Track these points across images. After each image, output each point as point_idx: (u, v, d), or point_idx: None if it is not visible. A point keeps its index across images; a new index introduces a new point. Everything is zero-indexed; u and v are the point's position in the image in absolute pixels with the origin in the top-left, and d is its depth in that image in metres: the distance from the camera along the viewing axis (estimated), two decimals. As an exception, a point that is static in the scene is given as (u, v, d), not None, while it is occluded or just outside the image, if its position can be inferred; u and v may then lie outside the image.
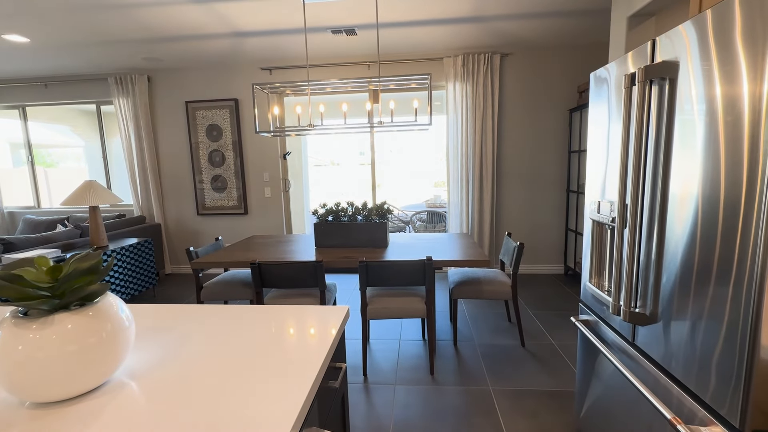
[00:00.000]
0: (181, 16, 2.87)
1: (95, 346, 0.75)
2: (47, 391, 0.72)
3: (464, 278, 2.61)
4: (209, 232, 4.51)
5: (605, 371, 1.42)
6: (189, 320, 1.13)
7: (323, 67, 4.07)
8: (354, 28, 3.22)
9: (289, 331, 1.03)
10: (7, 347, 0.69)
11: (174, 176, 4.47)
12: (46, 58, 3.75)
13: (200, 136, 4.32)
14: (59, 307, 0.74)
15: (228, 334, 1.02)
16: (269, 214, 4.40)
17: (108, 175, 4.77)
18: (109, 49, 3.56)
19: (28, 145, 4.77)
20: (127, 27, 3.05)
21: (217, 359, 0.89)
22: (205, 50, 3.69)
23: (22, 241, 2.96)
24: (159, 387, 0.79)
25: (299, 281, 2.24)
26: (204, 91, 4.28)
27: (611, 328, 1.38)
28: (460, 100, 3.89)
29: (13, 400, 0.76)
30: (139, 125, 4.29)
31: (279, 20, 3.01)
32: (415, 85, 2.91)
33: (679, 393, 1.00)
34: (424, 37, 3.50)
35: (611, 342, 1.36)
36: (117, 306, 0.81)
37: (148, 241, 3.61)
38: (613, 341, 1.35)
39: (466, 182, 4.00)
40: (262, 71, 4.16)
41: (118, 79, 4.22)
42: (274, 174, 4.33)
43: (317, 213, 2.76)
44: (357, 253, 2.52)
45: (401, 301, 2.26)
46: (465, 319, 3.02)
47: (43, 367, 0.70)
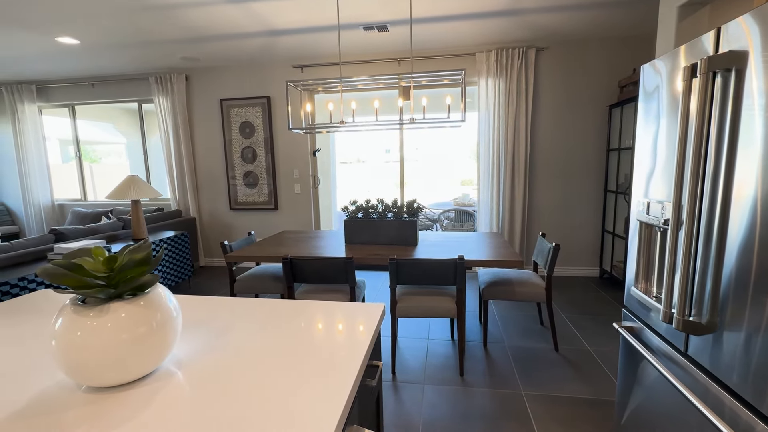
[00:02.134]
0: (219, 16, 2.95)
1: (146, 335, 0.77)
2: (102, 377, 0.75)
3: (495, 279, 2.55)
4: (241, 226, 4.64)
5: (650, 380, 1.34)
6: (229, 312, 1.16)
7: (354, 64, 4.08)
8: (386, 24, 3.21)
9: (327, 327, 1.03)
10: (67, 333, 0.73)
11: (208, 172, 4.62)
12: (94, 59, 3.96)
13: (234, 133, 4.44)
14: (114, 296, 0.77)
15: (267, 328, 1.03)
16: (298, 210, 4.47)
17: (148, 171, 4.99)
18: (151, 49, 3.71)
19: (77, 142, 5.06)
20: (168, 27, 3.16)
21: (259, 353, 0.90)
22: (239, 49, 3.78)
23: (71, 231, 3.15)
24: (204, 378, 0.80)
25: (329, 277, 2.26)
26: (238, 89, 4.39)
27: (658, 335, 1.30)
28: (492, 96, 3.80)
29: (69, 383, 0.80)
30: (177, 123, 4.46)
31: (312, 18, 3.03)
32: (448, 81, 2.87)
33: (732, 403, 0.93)
34: (456, 33, 3.43)
35: (657, 350, 1.28)
36: (166, 296, 0.84)
37: (185, 234, 3.76)
38: (659, 349, 1.27)
39: (497, 180, 3.91)
40: (293, 69, 4.22)
41: (158, 78, 4.40)
42: (303, 171, 4.39)
43: (347, 209, 2.77)
44: (387, 250, 2.51)
45: (431, 300, 2.24)
46: (495, 321, 2.95)
47: (98, 354, 0.73)
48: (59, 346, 0.72)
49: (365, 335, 0.97)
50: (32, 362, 0.88)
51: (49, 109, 5.02)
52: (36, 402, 0.73)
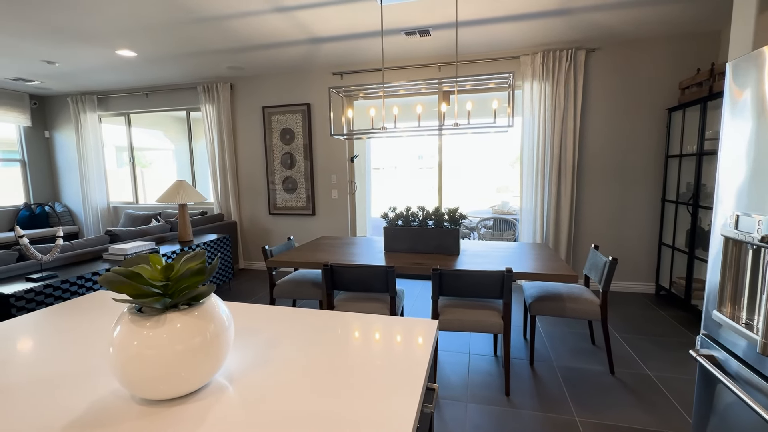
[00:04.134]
0: (265, 25, 3.02)
1: (200, 347, 0.75)
2: (155, 389, 0.73)
3: (544, 293, 2.40)
4: (279, 230, 4.72)
5: (734, 414, 1.17)
6: (275, 322, 1.12)
7: (393, 70, 4.05)
8: (428, 29, 3.15)
9: (380, 344, 0.97)
10: (124, 341, 0.71)
11: (249, 177, 4.75)
12: (149, 70, 4.19)
13: (274, 139, 4.54)
14: (169, 306, 0.75)
15: (318, 342, 0.99)
16: (335, 215, 4.48)
17: (193, 175, 5.21)
18: (200, 59, 3.87)
19: (131, 148, 5.38)
20: (217, 38, 3.28)
21: (312, 369, 0.85)
22: (282, 57, 3.87)
23: (124, 233, 3.32)
24: (256, 396, 0.77)
25: (369, 285, 2.21)
26: (279, 97, 4.49)
27: (748, 366, 1.13)
28: (537, 100, 3.64)
29: (124, 393, 0.78)
30: (221, 129, 4.62)
31: (354, 24, 3.04)
32: (493, 84, 2.76)
33: None
34: (500, 35, 3.32)
35: (747, 382, 1.12)
36: (219, 306, 0.81)
37: (227, 238, 3.86)
38: (749, 381, 1.11)
39: (542, 188, 3.72)
40: (333, 76, 4.26)
41: (205, 87, 4.59)
42: (341, 177, 4.40)
43: (386, 217, 2.72)
44: (427, 259, 2.43)
45: (476, 314, 2.13)
46: (541, 337, 2.78)
47: (152, 365, 0.71)
48: (116, 356, 0.71)
49: (422, 354, 0.90)
50: (91, 366, 0.88)
51: (107, 118, 5.38)
52: (93, 410, 0.72)
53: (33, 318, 1.18)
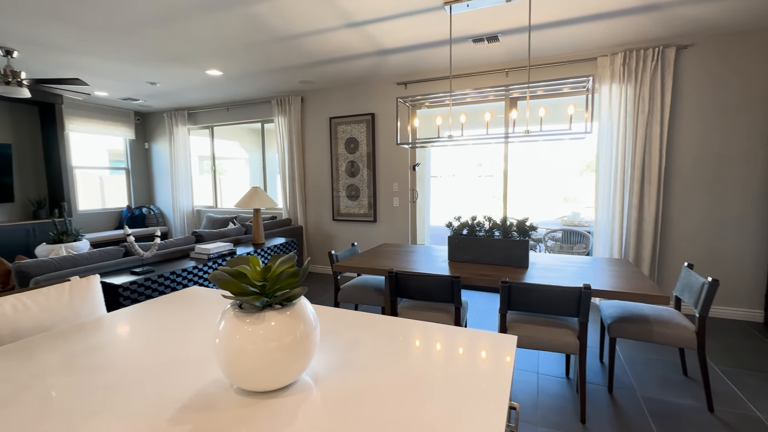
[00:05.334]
0: (337, 40, 3.17)
1: (291, 345, 0.79)
2: (252, 381, 0.79)
3: (626, 314, 2.19)
4: (341, 236, 4.87)
5: None
6: (353, 326, 1.16)
7: (458, 77, 4.02)
8: (497, 35, 3.09)
9: (459, 356, 0.95)
10: (229, 334, 0.78)
11: (315, 184, 4.98)
12: (231, 86, 4.61)
13: (340, 148, 4.73)
14: (266, 305, 0.81)
15: (396, 349, 1.00)
16: (396, 222, 4.52)
17: (265, 182, 5.60)
18: (276, 75, 4.17)
19: (213, 157, 5.94)
20: (292, 55, 3.52)
21: (393, 376, 0.86)
22: (349, 70, 4.02)
23: (207, 234, 3.66)
24: (340, 398, 0.79)
25: (434, 294, 2.19)
26: (345, 107, 4.67)
27: None
28: (616, 103, 3.37)
29: (224, 382, 0.86)
30: (291, 139, 4.92)
31: (421, 35, 3.07)
32: (567, 89, 2.61)
33: None
34: (575, 37, 3.14)
35: None
36: (307, 307, 0.86)
37: (294, 241, 4.07)
38: None
39: (621, 199, 3.42)
40: (397, 86, 4.34)
41: (279, 100, 4.93)
42: (402, 184, 4.44)
43: (451, 226, 2.68)
44: (495, 271, 2.35)
45: (548, 332, 2.00)
46: (620, 362, 2.54)
47: (251, 358, 0.77)
48: (222, 347, 0.78)
49: (505, 372, 0.87)
50: (193, 355, 0.98)
51: (195, 130, 6.00)
52: (200, 397, 0.80)
53: (140, 308, 1.35)
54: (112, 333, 1.13)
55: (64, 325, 1.27)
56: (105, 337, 1.09)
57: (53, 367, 0.92)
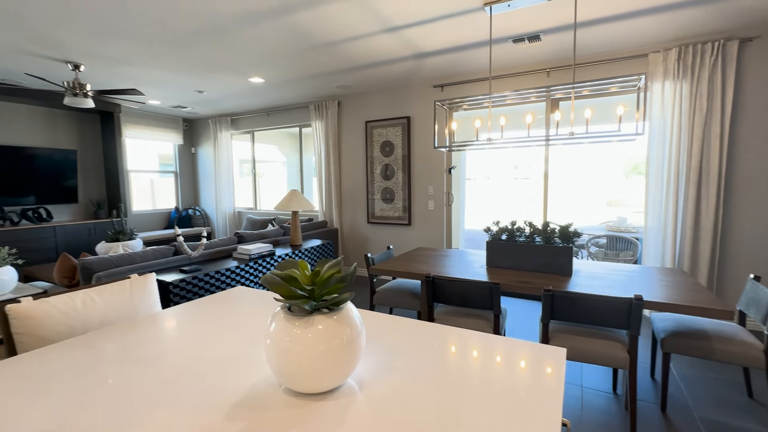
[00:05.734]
0: (374, 45, 3.20)
1: (338, 349, 0.81)
2: (299, 382, 0.81)
3: (683, 328, 2.04)
4: (376, 238, 4.90)
5: None
6: (395, 331, 1.16)
7: (497, 79, 3.94)
8: (539, 34, 2.99)
9: (504, 366, 0.93)
10: (279, 336, 0.81)
11: (351, 187, 5.05)
12: (271, 93, 4.78)
13: (375, 151, 4.77)
14: (315, 309, 0.83)
15: (441, 356, 0.99)
16: (431, 226, 4.49)
17: (302, 185, 5.75)
18: (314, 81, 4.28)
19: (253, 161, 6.17)
20: (330, 61, 3.59)
21: (439, 384, 0.86)
22: (386, 74, 4.05)
23: (248, 235, 3.81)
24: (385, 404, 0.79)
25: (472, 301, 2.15)
26: (381, 111, 4.70)
27: None
28: (670, 102, 3.16)
29: (272, 381, 0.89)
30: (328, 143, 5.02)
31: (460, 36, 3.04)
32: (616, 88, 2.49)
33: None
34: (624, 33, 2.98)
35: None
36: (353, 312, 0.87)
37: (330, 243, 4.15)
38: None
39: (675, 204, 3.20)
40: (434, 88, 4.31)
41: (316, 105, 5.05)
42: (438, 188, 4.40)
43: (489, 231, 2.63)
44: (535, 278, 2.27)
45: (595, 344, 1.90)
46: (674, 380, 2.36)
47: (300, 360, 0.79)
48: (272, 348, 0.81)
49: (555, 386, 0.84)
50: (244, 353, 1.02)
51: (237, 135, 6.27)
52: (252, 395, 0.83)
53: (192, 306, 1.42)
54: (169, 329, 1.20)
55: (126, 319, 1.37)
56: (162, 333, 1.16)
57: (118, 359, 0.99)
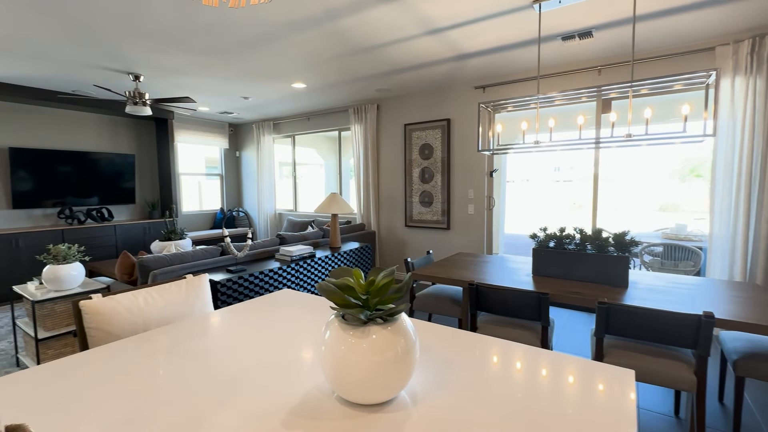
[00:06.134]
0: (416, 48, 3.18)
1: (393, 361, 0.79)
2: (354, 393, 0.80)
3: (758, 350, 1.84)
4: (414, 242, 4.86)
5: None
6: (442, 341, 1.13)
7: (544, 78, 3.78)
8: (590, 31, 2.84)
9: (566, 386, 0.87)
10: (334, 344, 0.80)
11: (388, 190, 5.05)
12: (312, 98, 4.89)
13: (414, 154, 4.74)
14: (369, 319, 0.82)
15: (490, 371, 0.94)
16: (470, 230, 4.38)
17: (341, 188, 5.83)
18: (354, 85, 4.33)
19: (294, 164, 6.35)
20: (371, 65, 3.62)
21: (492, 401, 0.81)
22: (425, 76, 4.02)
23: (290, 237, 3.90)
24: (439, 418, 0.76)
25: (517, 310, 2.06)
26: (420, 114, 4.67)
27: None
28: (741, 99, 2.88)
29: (325, 389, 0.88)
30: (367, 146, 5.06)
31: (505, 36, 2.95)
32: (680, 86, 2.30)
33: None
34: (687, 26, 2.76)
35: None
36: (407, 323, 0.85)
37: (369, 246, 4.16)
38: None
39: (746, 210, 2.91)
40: (475, 90, 4.22)
41: (355, 109, 5.10)
42: (478, 191, 4.30)
43: (536, 237, 2.51)
44: (586, 289, 2.14)
45: (656, 363, 1.76)
46: (748, 407, 2.14)
47: (355, 370, 0.78)
48: (327, 356, 0.80)
49: (628, 412, 0.77)
50: (295, 358, 1.03)
51: (279, 139, 6.48)
52: (306, 402, 0.83)
53: (242, 307, 1.46)
54: (225, 330, 1.23)
55: (181, 317, 1.43)
56: (219, 334, 1.20)
57: (179, 358, 1.03)
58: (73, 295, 2.55)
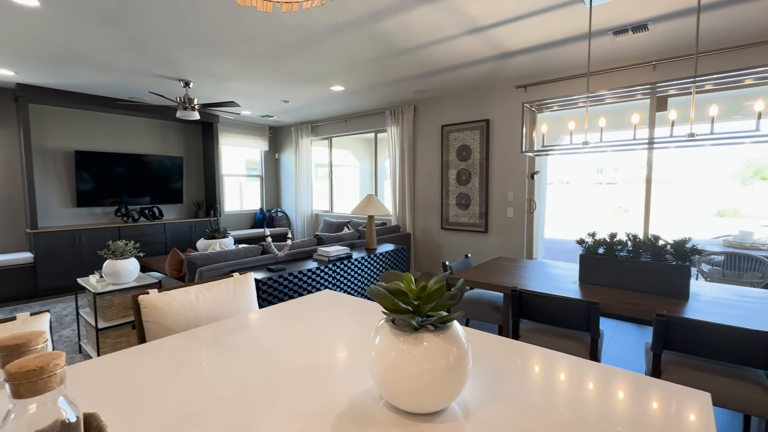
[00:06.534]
0: (457, 47, 3.13)
1: (444, 370, 0.76)
2: (403, 400, 0.78)
3: None
4: (449, 245, 4.79)
5: None
6: (488, 350, 1.08)
7: (592, 76, 3.60)
8: (646, 24, 2.66)
9: (637, 409, 0.80)
10: (384, 349, 0.79)
11: (424, 192, 5.01)
12: (350, 100, 4.95)
13: (451, 155, 4.66)
14: (421, 325, 0.79)
15: (546, 384, 0.89)
16: (509, 234, 4.25)
17: (376, 189, 5.85)
18: (392, 87, 4.33)
19: (330, 166, 6.45)
20: (410, 66, 3.60)
21: (548, 418, 0.77)
22: (465, 76, 3.94)
23: (326, 237, 3.96)
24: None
25: (564, 320, 1.96)
26: (458, 115, 4.60)
27: None
28: (823, 94, 2.59)
29: (373, 393, 0.87)
30: (403, 148, 5.04)
31: (550, 33, 2.83)
32: (750, 80, 2.10)
33: None
34: (756, 14, 2.52)
35: None
36: (460, 331, 0.82)
37: (404, 248, 4.14)
38: None
39: (827, 218, 2.60)
40: (516, 89, 4.09)
41: (392, 111, 5.11)
42: (518, 194, 4.16)
43: (584, 243, 2.39)
44: (641, 299, 2.00)
45: (724, 384, 1.61)
46: (832, 437, 1.91)
47: (405, 377, 0.76)
48: (377, 361, 0.79)
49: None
50: (342, 362, 1.03)
51: (316, 141, 6.61)
52: (354, 406, 0.82)
53: (286, 307, 1.49)
54: (272, 328, 1.26)
55: (229, 315, 1.48)
56: (266, 332, 1.23)
57: (231, 354, 1.06)
58: (129, 288, 2.72)
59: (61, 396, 0.49)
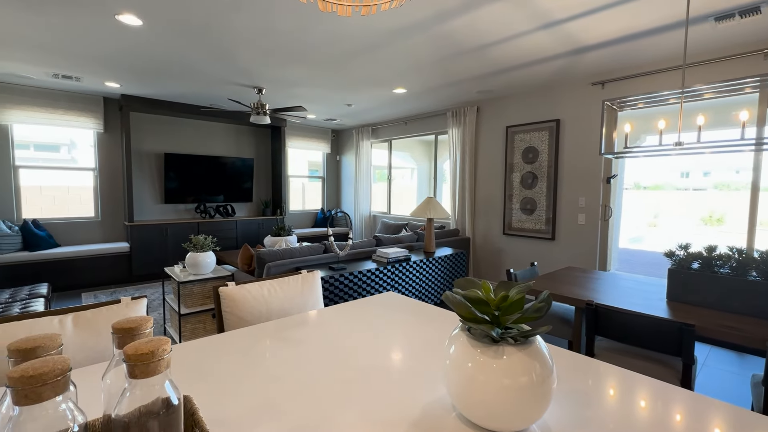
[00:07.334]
0: (527, 44, 2.98)
1: (526, 388, 0.71)
2: (478, 414, 0.74)
3: None
4: (511, 251, 4.57)
5: None
6: (568, 369, 0.99)
7: (685, 68, 3.22)
8: (759, 6, 2.31)
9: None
10: (460, 359, 0.75)
11: (486, 195, 4.83)
12: (411, 102, 4.95)
13: (515, 158, 4.45)
14: (501, 338, 0.75)
15: (640, 417, 0.80)
16: (580, 243, 3.94)
17: (435, 192, 5.78)
18: (454, 88, 4.24)
19: (389, 167, 6.50)
20: (474, 66, 3.50)
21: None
22: (533, 75, 3.74)
23: (385, 239, 3.99)
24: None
25: (650, 341, 1.75)
26: (524, 115, 4.37)
27: None
28: None
29: (445, 403, 0.84)
30: (464, 150, 4.92)
31: (636, 23, 2.57)
32: None
33: None
34: None
35: None
36: (543, 346, 0.76)
37: (463, 253, 4.03)
38: None
39: None
40: (591, 87, 3.79)
41: (454, 112, 5.01)
42: (591, 199, 3.84)
43: (674, 256, 2.13)
44: (745, 323, 1.73)
45: None
46: None
47: (480, 390, 0.72)
48: (451, 371, 0.76)
49: None
50: (412, 368, 1.01)
51: (376, 143, 6.71)
52: (426, 415, 0.80)
53: (352, 307, 1.51)
54: (340, 327, 1.28)
55: (297, 310, 1.54)
56: (335, 330, 1.25)
57: (304, 349, 1.10)
58: (207, 279, 2.97)
59: (167, 380, 0.53)
